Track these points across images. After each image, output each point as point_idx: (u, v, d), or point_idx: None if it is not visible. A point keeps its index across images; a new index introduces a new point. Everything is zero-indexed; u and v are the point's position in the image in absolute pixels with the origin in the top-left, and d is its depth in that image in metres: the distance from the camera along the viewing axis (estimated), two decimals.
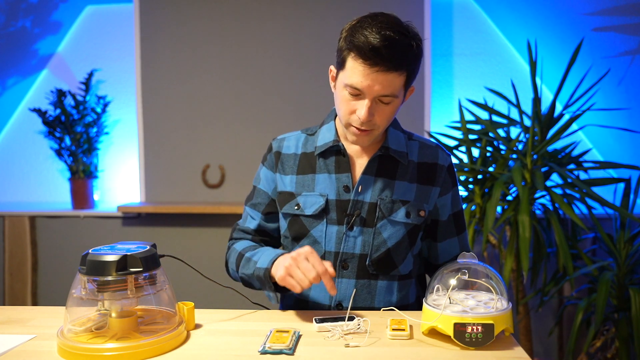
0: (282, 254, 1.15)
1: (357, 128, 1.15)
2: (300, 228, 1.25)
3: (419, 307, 1.04)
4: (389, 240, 1.21)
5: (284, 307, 1.33)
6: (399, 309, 1.13)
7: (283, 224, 1.30)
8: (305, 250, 1.08)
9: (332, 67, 1.20)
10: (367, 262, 1.21)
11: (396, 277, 1.24)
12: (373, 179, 1.23)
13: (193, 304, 1.06)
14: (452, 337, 0.93)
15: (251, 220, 1.35)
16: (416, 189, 1.23)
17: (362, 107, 1.11)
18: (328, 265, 1.06)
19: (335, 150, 1.25)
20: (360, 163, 1.25)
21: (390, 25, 1.07)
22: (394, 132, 1.26)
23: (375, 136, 1.18)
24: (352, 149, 1.26)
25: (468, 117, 2.40)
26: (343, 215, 1.22)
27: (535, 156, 2.13)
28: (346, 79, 1.11)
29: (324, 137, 1.27)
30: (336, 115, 1.28)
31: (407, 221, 1.21)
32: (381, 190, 1.22)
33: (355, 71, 1.09)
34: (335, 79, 1.19)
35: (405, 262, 1.24)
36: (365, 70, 1.08)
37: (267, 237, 1.36)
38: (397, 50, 1.06)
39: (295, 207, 1.25)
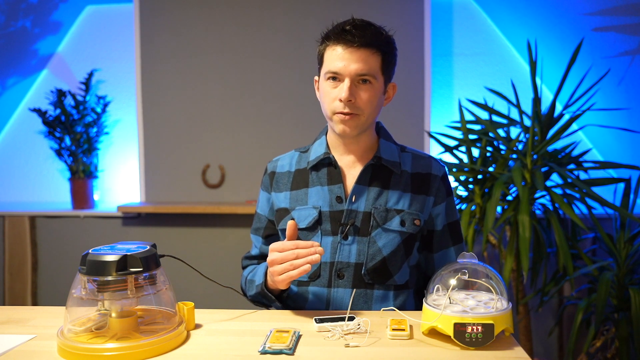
0: None
1: (341, 113, 1.18)
2: None
3: None
4: (384, 248, 1.21)
5: None
6: None
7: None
8: (271, 246, 1.10)
9: (316, 77, 1.27)
10: (362, 271, 1.21)
11: (392, 287, 1.24)
12: (366, 189, 1.24)
13: (193, 304, 1.06)
14: (452, 337, 0.93)
15: (254, 247, 1.40)
16: (410, 198, 1.24)
17: (342, 89, 1.16)
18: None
19: (327, 163, 1.28)
20: (353, 174, 1.26)
21: (362, 19, 1.20)
22: (386, 143, 1.28)
23: (361, 124, 1.20)
24: (343, 160, 1.28)
25: (468, 117, 2.40)
26: (337, 225, 1.23)
27: (535, 156, 2.13)
28: (325, 69, 1.19)
29: (316, 151, 1.30)
30: (327, 131, 1.31)
31: (402, 229, 1.22)
32: (375, 199, 1.23)
33: (332, 56, 1.18)
34: (318, 82, 1.25)
35: (400, 272, 1.24)
36: (341, 51, 1.16)
37: None
38: (367, 31, 1.16)
39: None
